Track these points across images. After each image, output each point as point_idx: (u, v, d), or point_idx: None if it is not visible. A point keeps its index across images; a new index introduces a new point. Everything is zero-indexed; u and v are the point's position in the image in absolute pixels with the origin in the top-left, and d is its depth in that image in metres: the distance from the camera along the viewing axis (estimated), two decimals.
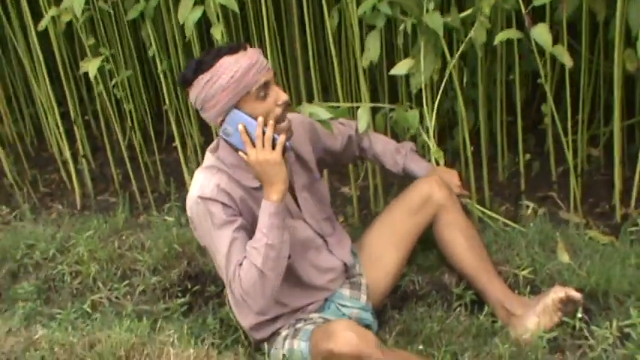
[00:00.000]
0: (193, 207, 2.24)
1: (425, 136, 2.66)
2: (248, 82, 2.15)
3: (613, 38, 2.56)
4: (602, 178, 3.02)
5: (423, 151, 2.83)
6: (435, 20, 2.50)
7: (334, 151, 2.61)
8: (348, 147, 2.63)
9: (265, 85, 2.17)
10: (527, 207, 2.82)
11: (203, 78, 2.15)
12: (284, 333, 2.38)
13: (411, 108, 2.64)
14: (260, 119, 2.14)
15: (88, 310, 2.74)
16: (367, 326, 2.39)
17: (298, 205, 2.39)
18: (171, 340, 2.39)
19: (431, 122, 2.66)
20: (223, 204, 2.20)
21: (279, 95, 2.20)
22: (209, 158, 2.32)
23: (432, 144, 2.66)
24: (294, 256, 2.35)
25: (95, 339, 2.38)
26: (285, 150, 2.18)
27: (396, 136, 2.91)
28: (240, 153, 2.19)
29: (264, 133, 2.15)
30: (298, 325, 2.37)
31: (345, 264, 2.49)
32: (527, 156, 3.01)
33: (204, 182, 2.24)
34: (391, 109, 2.70)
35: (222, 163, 2.27)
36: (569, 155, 2.70)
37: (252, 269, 2.15)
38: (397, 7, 2.61)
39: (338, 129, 2.59)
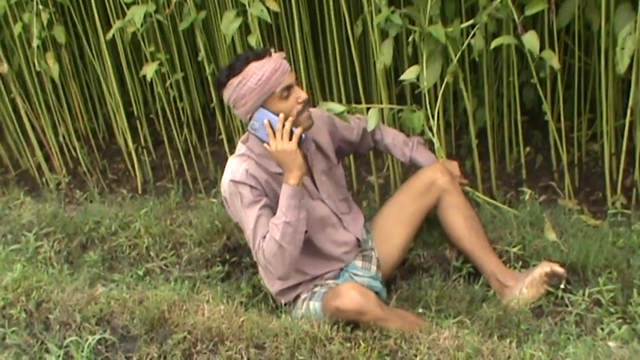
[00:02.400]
0: (226, 189, 2.61)
1: (430, 134, 3.01)
2: (272, 84, 2.50)
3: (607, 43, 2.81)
4: (600, 170, 3.26)
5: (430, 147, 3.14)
6: (438, 30, 2.82)
7: (351, 142, 2.93)
8: (363, 138, 2.95)
9: (288, 87, 2.52)
10: (526, 193, 3.09)
11: (234, 81, 2.52)
12: (303, 296, 2.72)
13: (419, 109, 2.95)
14: (281, 116, 2.50)
15: (142, 275, 3.13)
16: (376, 293, 2.65)
17: (317, 188, 2.73)
18: (206, 298, 2.72)
19: (434, 122, 2.99)
20: (251, 186, 2.56)
21: (299, 94, 2.55)
22: (240, 148, 2.68)
23: (436, 141, 3.00)
24: (315, 231, 2.68)
25: (144, 296, 2.73)
26: (300, 141, 2.54)
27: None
28: (265, 144, 2.55)
29: (284, 127, 2.52)
30: (315, 289, 2.70)
31: (358, 239, 2.82)
32: (527, 149, 3.31)
33: (235, 168, 2.60)
34: (399, 110, 3.05)
35: (251, 152, 2.63)
36: (563, 149, 3.02)
37: (272, 242, 2.50)
38: (407, 18, 2.94)
39: (355, 122, 2.91)
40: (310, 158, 2.72)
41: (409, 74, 2.93)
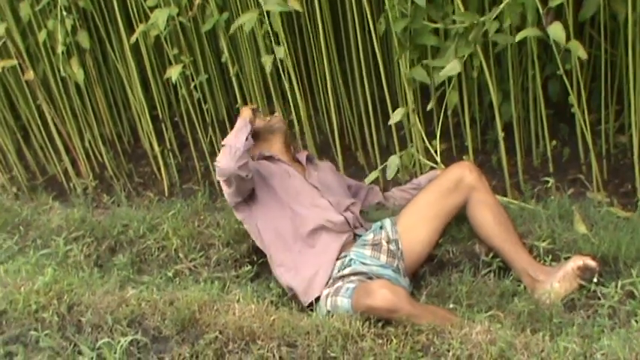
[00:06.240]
0: None
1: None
2: None
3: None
4: (628, 162, 3.24)
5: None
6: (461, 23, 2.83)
7: (351, 189, 3.27)
8: (366, 198, 3.32)
9: None
10: (553, 186, 3.08)
11: None
12: (326, 292, 2.72)
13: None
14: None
15: (171, 276, 3.14)
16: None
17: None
18: (237, 298, 2.72)
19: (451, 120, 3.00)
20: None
21: None
22: None
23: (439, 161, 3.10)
24: (295, 203, 2.97)
25: (175, 297, 2.73)
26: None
27: None
28: None
29: None
30: (337, 284, 2.70)
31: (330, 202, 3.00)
32: (554, 142, 3.29)
33: None
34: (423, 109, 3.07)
35: None
36: (590, 141, 3.00)
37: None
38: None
39: (363, 187, 3.35)
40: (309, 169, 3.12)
41: (395, 117, 3.13)
